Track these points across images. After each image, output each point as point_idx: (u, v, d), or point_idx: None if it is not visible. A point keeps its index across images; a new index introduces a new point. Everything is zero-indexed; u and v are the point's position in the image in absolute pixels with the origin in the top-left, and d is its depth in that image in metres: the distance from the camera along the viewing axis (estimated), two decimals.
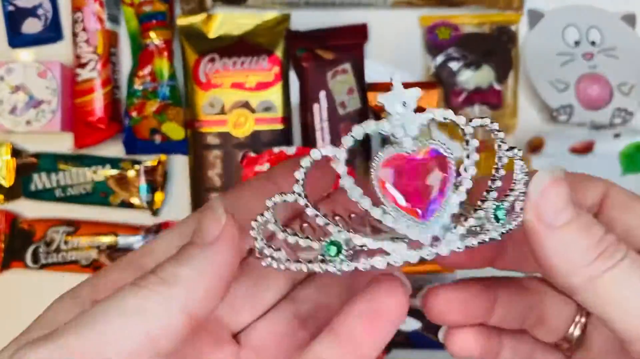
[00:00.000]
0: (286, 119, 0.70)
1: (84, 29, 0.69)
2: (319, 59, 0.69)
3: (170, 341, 0.23)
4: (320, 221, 0.25)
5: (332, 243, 0.25)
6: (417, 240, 0.24)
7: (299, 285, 0.31)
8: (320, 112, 0.68)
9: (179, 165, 0.72)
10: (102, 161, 0.70)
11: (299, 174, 0.25)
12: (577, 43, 0.72)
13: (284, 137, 0.69)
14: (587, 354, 0.32)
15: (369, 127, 0.24)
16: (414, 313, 0.67)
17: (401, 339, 0.68)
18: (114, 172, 0.70)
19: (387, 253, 0.24)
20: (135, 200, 0.71)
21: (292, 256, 0.26)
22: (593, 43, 0.72)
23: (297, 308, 0.30)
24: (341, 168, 0.24)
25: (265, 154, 0.66)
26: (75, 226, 0.70)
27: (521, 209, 0.26)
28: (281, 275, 0.30)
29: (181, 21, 0.71)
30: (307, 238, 0.25)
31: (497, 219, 0.25)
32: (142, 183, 0.70)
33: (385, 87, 0.25)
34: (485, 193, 0.25)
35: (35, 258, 0.69)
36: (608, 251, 0.24)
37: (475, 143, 0.25)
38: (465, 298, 0.31)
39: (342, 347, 0.25)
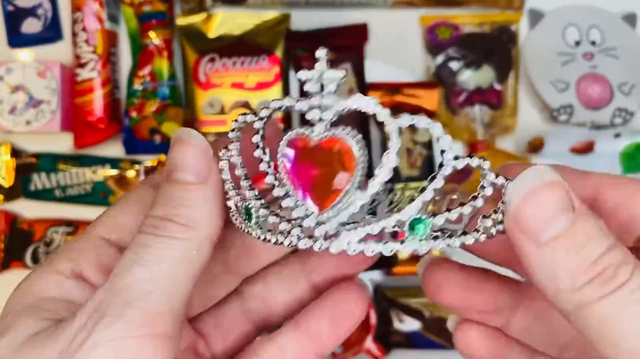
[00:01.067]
0: (286, 119, 0.70)
1: (83, 29, 0.69)
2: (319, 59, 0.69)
3: (202, 269, 0.25)
4: (243, 183, 0.25)
5: (246, 208, 0.25)
6: (311, 230, 0.23)
7: (249, 281, 0.31)
8: None
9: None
10: (102, 161, 0.70)
11: (230, 134, 0.25)
12: (577, 43, 0.72)
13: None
14: None
15: (287, 102, 0.23)
16: (414, 313, 0.67)
17: (401, 339, 0.68)
18: (114, 172, 0.70)
19: (283, 234, 0.23)
20: None
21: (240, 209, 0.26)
22: (593, 43, 0.72)
23: (244, 303, 0.30)
24: (256, 138, 0.24)
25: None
26: (74, 226, 0.70)
27: (465, 232, 0.23)
28: (231, 272, 0.31)
29: (181, 21, 0.71)
30: (239, 196, 0.25)
31: (412, 231, 0.22)
32: None
33: (386, 87, 0.24)
34: (409, 201, 0.23)
35: (35, 258, 0.69)
36: (604, 275, 0.20)
37: (396, 144, 0.22)
38: (472, 283, 0.28)
39: (307, 342, 0.28)
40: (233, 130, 0.25)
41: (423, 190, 0.22)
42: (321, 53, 0.23)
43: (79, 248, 0.26)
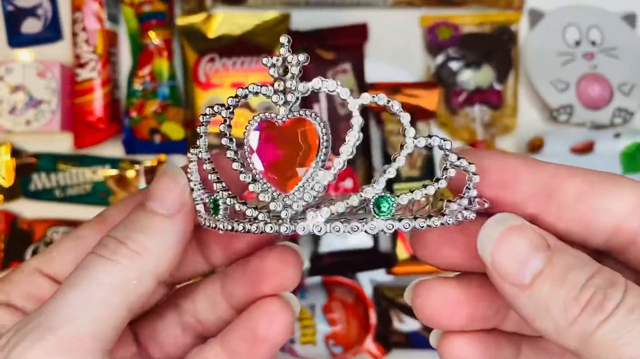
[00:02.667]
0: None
1: (83, 29, 0.69)
2: (319, 58, 0.69)
3: (141, 304, 0.25)
4: (211, 177, 0.25)
5: (214, 200, 0.25)
6: (278, 213, 0.23)
7: (183, 294, 0.31)
8: (320, 112, 0.68)
9: (179, 165, 0.72)
10: (102, 161, 0.70)
11: (198, 129, 0.26)
12: (577, 43, 0.72)
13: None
14: None
15: (252, 88, 0.24)
16: (414, 313, 0.67)
17: (401, 339, 0.68)
18: (114, 172, 0.70)
19: (250, 221, 0.24)
20: None
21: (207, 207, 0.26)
22: (593, 43, 0.72)
23: (181, 318, 0.31)
24: (223, 127, 0.25)
25: None
26: (74, 226, 0.70)
27: (459, 211, 0.23)
28: (162, 283, 0.30)
29: (181, 21, 0.70)
30: (207, 193, 0.26)
31: (378, 210, 0.23)
32: (142, 183, 0.70)
33: (386, 87, 0.24)
34: (372, 181, 0.23)
35: None
36: (596, 300, 0.20)
37: (357, 121, 0.23)
38: (467, 296, 0.25)
39: None
40: (202, 125, 0.26)
41: (385, 170, 0.23)
42: (284, 39, 0.24)
43: (12, 280, 0.28)
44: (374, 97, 0.22)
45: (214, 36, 0.70)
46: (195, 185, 0.27)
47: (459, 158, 0.23)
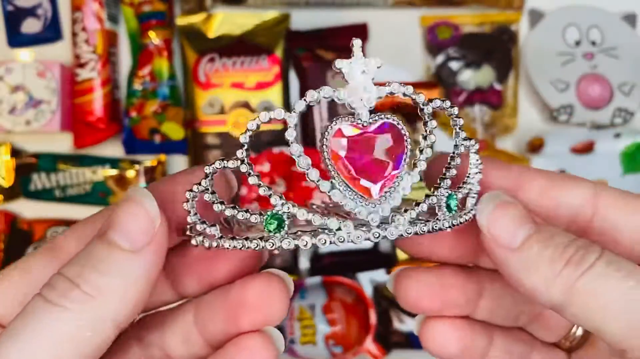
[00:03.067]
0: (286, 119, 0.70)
1: (83, 29, 0.69)
2: (319, 59, 0.69)
3: (100, 353, 0.22)
4: (263, 191, 0.22)
5: (274, 216, 0.22)
6: (365, 220, 0.22)
7: (146, 326, 0.27)
8: (320, 112, 0.68)
9: (179, 165, 0.72)
10: (102, 161, 0.70)
11: (243, 138, 0.23)
12: (577, 43, 0.72)
13: (284, 137, 0.69)
14: (594, 352, 0.29)
15: (326, 92, 0.23)
16: (413, 313, 0.67)
17: (401, 340, 0.68)
18: (114, 172, 0.70)
19: (332, 232, 0.22)
20: None
21: (226, 234, 0.23)
22: (593, 43, 0.72)
23: (146, 351, 0.27)
24: (291, 133, 0.23)
25: (265, 154, 0.66)
26: None
27: (472, 206, 0.25)
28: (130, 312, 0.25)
29: (181, 21, 0.70)
30: (247, 211, 0.23)
31: (449, 209, 0.24)
32: (142, 183, 0.70)
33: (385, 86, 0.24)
34: (439, 181, 0.24)
35: None
36: (577, 255, 0.22)
37: (433, 124, 0.24)
38: (442, 283, 0.28)
39: None
40: (247, 132, 0.23)
41: (448, 168, 0.24)
42: (357, 42, 0.24)
43: None
44: (443, 101, 0.24)
45: (214, 36, 0.70)
46: (218, 202, 0.23)
47: (478, 159, 0.26)
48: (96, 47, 0.69)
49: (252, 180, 0.23)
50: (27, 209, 0.71)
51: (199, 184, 0.23)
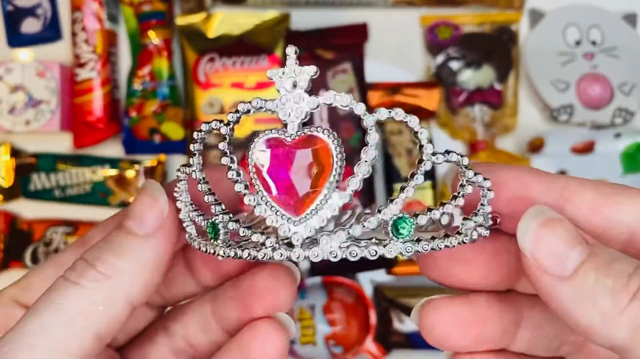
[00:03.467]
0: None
1: (83, 29, 0.69)
2: (319, 58, 0.69)
3: (114, 331, 0.23)
4: (207, 199, 0.23)
5: (212, 224, 0.23)
6: (288, 238, 0.22)
7: (173, 317, 0.29)
8: (320, 111, 0.68)
9: (179, 165, 0.72)
10: (101, 161, 0.70)
11: (192, 147, 0.24)
12: (577, 43, 0.72)
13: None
14: None
15: (256, 104, 0.22)
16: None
17: (401, 340, 0.68)
18: (113, 172, 0.70)
19: (258, 246, 0.22)
20: None
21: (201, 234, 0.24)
22: (594, 43, 0.72)
23: (172, 342, 0.29)
24: (223, 145, 0.23)
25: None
26: (74, 226, 0.70)
27: (466, 230, 0.22)
28: (148, 304, 0.29)
29: (181, 20, 0.70)
30: (202, 215, 0.24)
31: (396, 233, 0.22)
32: (142, 184, 0.70)
33: (386, 87, 0.24)
34: (388, 201, 0.22)
35: (35, 258, 0.69)
36: None
37: (374, 138, 0.21)
38: (476, 316, 0.25)
39: None
40: (196, 142, 0.24)
41: (403, 188, 0.22)
42: (290, 50, 0.22)
43: None
44: (390, 112, 0.21)
45: (214, 36, 0.70)
46: (185, 205, 0.25)
47: (475, 174, 0.22)
48: (96, 47, 0.69)
49: (200, 187, 0.23)
50: (26, 209, 0.71)
51: (189, 165, 0.24)
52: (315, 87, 0.23)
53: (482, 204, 0.23)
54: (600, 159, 0.69)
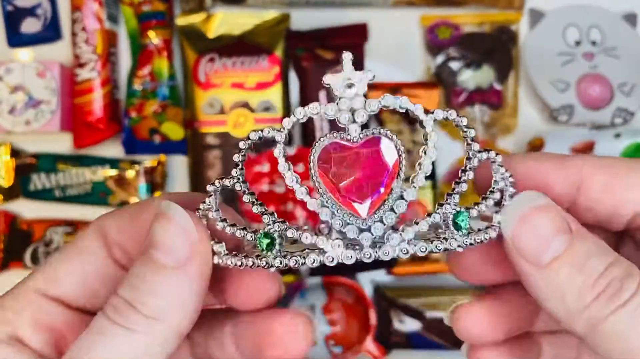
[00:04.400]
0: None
1: (83, 29, 0.69)
2: (319, 58, 0.69)
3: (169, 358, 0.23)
4: (256, 209, 0.23)
5: (265, 235, 0.23)
6: (357, 239, 0.22)
7: (198, 330, 0.28)
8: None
9: (179, 165, 0.72)
10: (102, 161, 0.70)
11: (237, 157, 0.23)
12: (577, 43, 0.72)
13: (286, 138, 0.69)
14: None
15: (313, 109, 0.22)
16: (414, 313, 0.67)
17: (401, 340, 0.68)
18: (113, 172, 0.70)
19: (323, 251, 0.22)
20: (134, 201, 0.70)
21: (231, 251, 0.24)
22: (594, 43, 0.72)
23: (192, 348, 0.29)
24: (278, 151, 0.23)
25: (265, 154, 0.66)
26: (74, 226, 0.70)
27: (498, 223, 0.23)
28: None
29: (181, 21, 0.70)
30: (244, 229, 0.23)
31: (457, 227, 0.22)
32: (142, 184, 0.70)
33: (386, 87, 0.24)
34: (445, 197, 0.22)
35: (35, 258, 0.69)
36: (611, 288, 0.20)
37: (434, 138, 0.22)
38: (503, 312, 0.26)
39: None
40: (241, 151, 0.23)
41: (458, 183, 0.23)
42: (347, 56, 0.22)
43: (14, 307, 0.24)
44: (446, 111, 0.22)
45: (214, 36, 0.70)
46: (219, 220, 0.24)
47: (506, 170, 0.23)
48: (96, 47, 0.69)
49: (246, 198, 0.23)
50: (26, 209, 0.71)
51: (204, 202, 0.24)
52: (316, 86, 0.23)
53: (505, 199, 0.23)
54: None
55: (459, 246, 0.22)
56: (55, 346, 0.25)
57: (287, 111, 0.70)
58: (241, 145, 0.23)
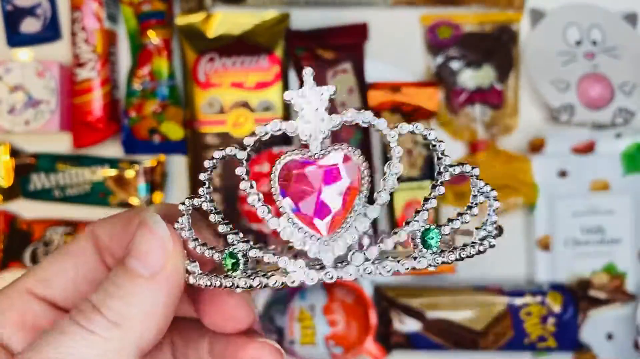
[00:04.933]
0: (286, 119, 0.69)
1: (82, 28, 0.69)
2: (319, 58, 0.69)
3: None
4: (222, 228, 0.22)
5: (231, 254, 0.22)
6: (319, 259, 0.21)
7: (180, 335, 0.29)
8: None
9: (178, 165, 0.72)
10: (101, 161, 0.70)
11: (203, 176, 0.23)
12: (578, 42, 0.72)
13: (284, 137, 0.69)
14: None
15: (274, 126, 0.22)
16: (414, 313, 0.67)
17: (401, 340, 0.68)
18: (113, 172, 0.70)
19: (286, 272, 0.21)
20: (134, 201, 0.70)
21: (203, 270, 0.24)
22: (594, 42, 0.72)
23: (174, 353, 0.29)
24: (240, 169, 0.22)
25: (264, 154, 0.66)
26: (73, 226, 0.70)
27: (480, 239, 0.22)
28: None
29: (180, 20, 0.70)
30: (212, 249, 0.23)
31: (425, 245, 0.21)
32: (141, 184, 0.70)
33: (386, 87, 0.24)
34: (414, 214, 0.22)
35: (34, 258, 0.69)
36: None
37: (398, 151, 0.21)
38: None
39: None
40: (207, 171, 0.23)
41: (427, 200, 0.22)
42: (308, 71, 0.22)
43: (2, 307, 0.25)
44: (412, 125, 0.22)
45: (214, 36, 0.70)
46: (191, 240, 0.24)
47: (485, 185, 0.23)
48: (95, 47, 0.69)
49: (212, 218, 0.23)
50: (26, 209, 0.71)
51: (177, 222, 0.24)
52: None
53: (489, 214, 0.23)
54: (600, 159, 0.69)
55: (430, 265, 0.21)
56: None
57: (287, 111, 0.70)
58: (206, 164, 0.23)
